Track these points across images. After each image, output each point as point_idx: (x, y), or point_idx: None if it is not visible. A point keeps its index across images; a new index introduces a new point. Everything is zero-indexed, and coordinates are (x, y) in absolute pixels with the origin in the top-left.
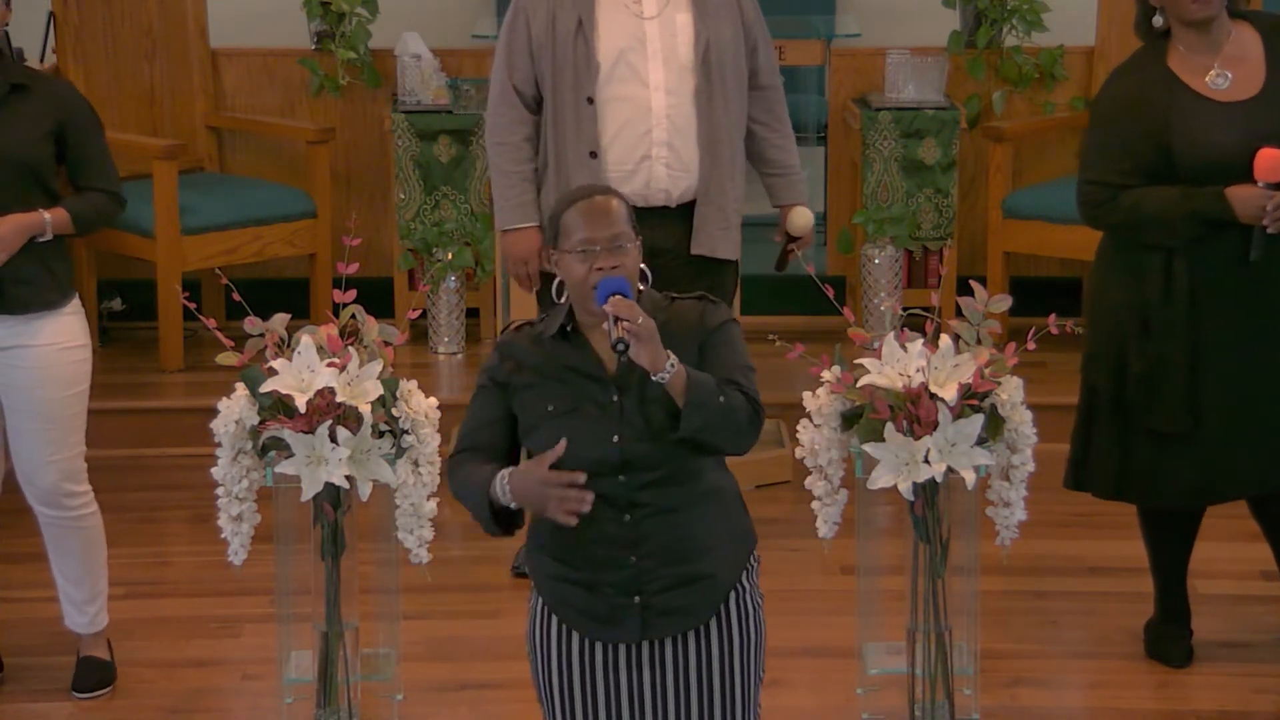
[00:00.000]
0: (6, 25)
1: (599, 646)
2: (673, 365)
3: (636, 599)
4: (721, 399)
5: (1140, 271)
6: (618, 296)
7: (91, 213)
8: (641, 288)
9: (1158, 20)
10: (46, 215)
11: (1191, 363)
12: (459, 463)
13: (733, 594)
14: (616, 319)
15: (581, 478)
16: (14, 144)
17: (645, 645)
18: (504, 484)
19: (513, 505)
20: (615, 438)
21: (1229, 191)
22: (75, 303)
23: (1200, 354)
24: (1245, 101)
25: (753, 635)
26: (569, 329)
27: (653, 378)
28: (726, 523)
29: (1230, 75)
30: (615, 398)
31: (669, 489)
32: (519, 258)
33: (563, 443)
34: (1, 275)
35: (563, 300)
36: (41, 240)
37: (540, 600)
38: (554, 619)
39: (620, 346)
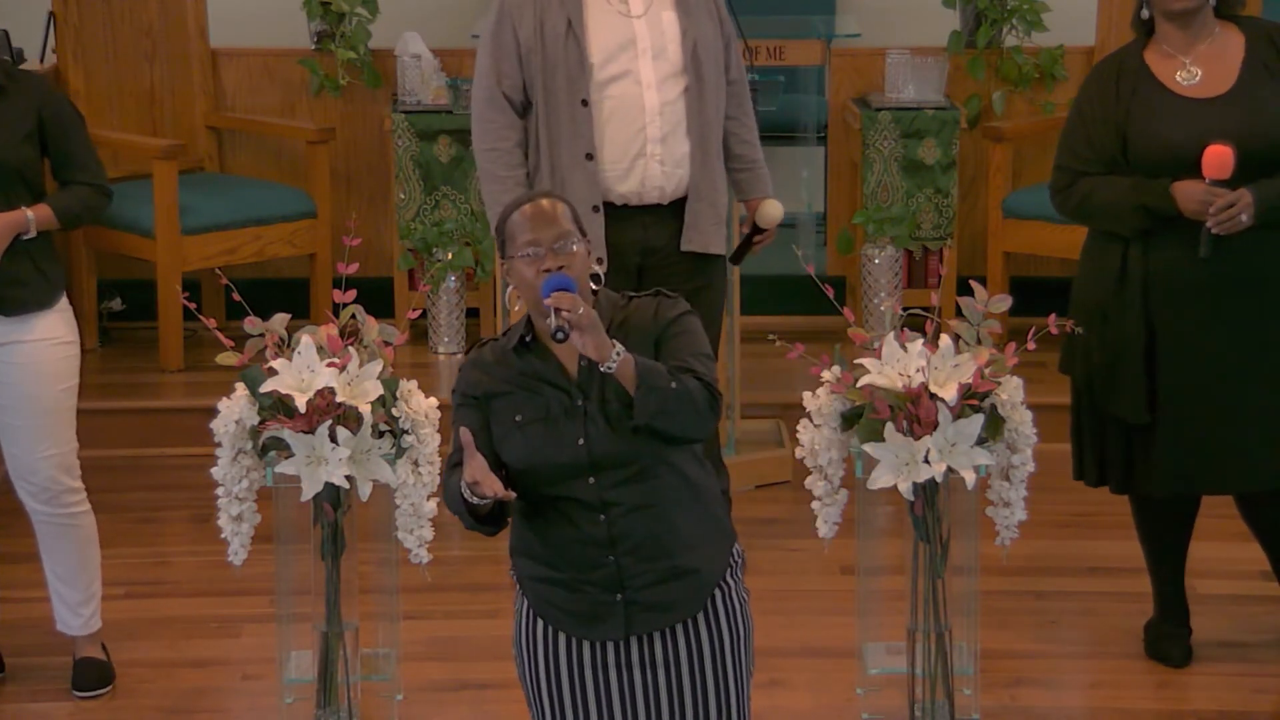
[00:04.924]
0: None
1: (586, 646)
2: (619, 354)
3: (619, 596)
4: (674, 384)
5: (1101, 262)
6: (558, 291)
7: (77, 206)
8: (595, 288)
9: (1145, 12)
10: (29, 212)
11: (1148, 353)
12: (447, 477)
13: (718, 591)
14: (556, 310)
15: (491, 488)
16: None
17: (634, 644)
18: (462, 482)
19: (473, 499)
20: (580, 440)
21: (1175, 186)
22: (64, 300)
23: (1156, 345)
24: (1209, 99)
25: (741, 631)
26: (528, 339)
27: (600, 368)
28: (707, 519)
29: (1200, 72)
30: (579, 402)
31: (641, 486)
32: None
33: (466, 433)
34: None
35: (517, 309)
36: (28, 238)
37: (525, 603)
38: (539, 621)
39: (559, 335)
